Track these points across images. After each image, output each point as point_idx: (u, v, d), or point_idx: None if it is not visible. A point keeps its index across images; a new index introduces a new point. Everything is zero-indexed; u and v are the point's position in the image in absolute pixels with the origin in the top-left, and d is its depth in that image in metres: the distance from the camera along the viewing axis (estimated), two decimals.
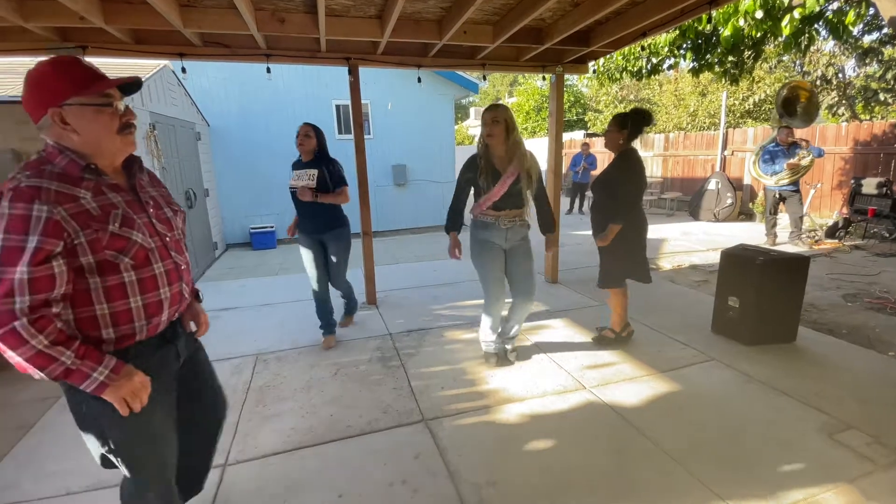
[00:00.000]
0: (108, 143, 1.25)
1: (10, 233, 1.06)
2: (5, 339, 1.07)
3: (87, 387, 1.17)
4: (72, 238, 1.13)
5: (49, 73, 1.18)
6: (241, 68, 7.38)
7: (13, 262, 1.06)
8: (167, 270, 1.35)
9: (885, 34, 8.39)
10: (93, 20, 2.88)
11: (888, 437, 2.21)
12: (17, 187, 1.09)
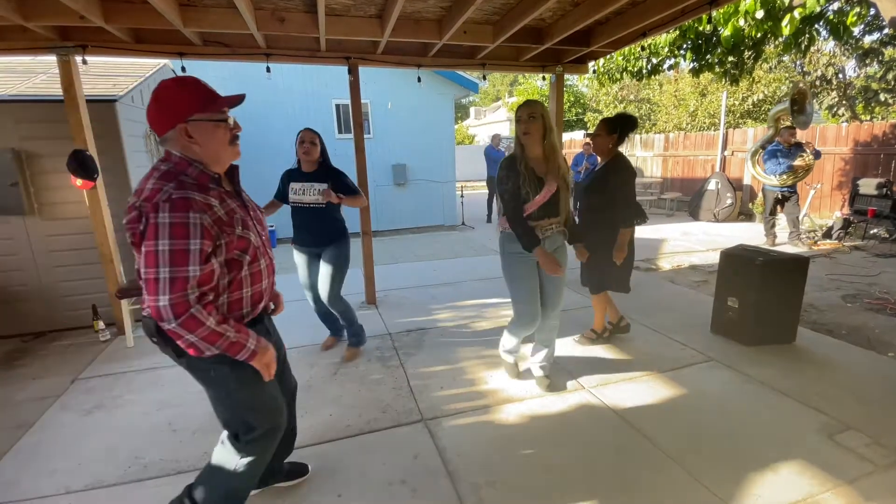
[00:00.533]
0: (223, 153, 1.44)
1: (176, 238, 1.26)
2: (187, 323, 1.28)
3: (242, 356, 1.40)
4: (216, 240, 1.35)
5: (176, 91, 1.36)
6: (240, 67, 7.37)
7: (184, 263, 1.27)
8: (267, 265, 1.58)
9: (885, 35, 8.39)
10: (93, 19, 2.88)
11: (888, 438, 2.21)
12: (170, 198, 1.27)
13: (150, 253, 1.26)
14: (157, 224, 1.26)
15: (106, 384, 2.98)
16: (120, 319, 3.63)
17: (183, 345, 1.34)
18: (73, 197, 3.68)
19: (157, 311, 1.27)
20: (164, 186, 1.29)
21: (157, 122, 1.37)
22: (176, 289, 1.26)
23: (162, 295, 1.26)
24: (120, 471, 2.15)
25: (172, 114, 1.35)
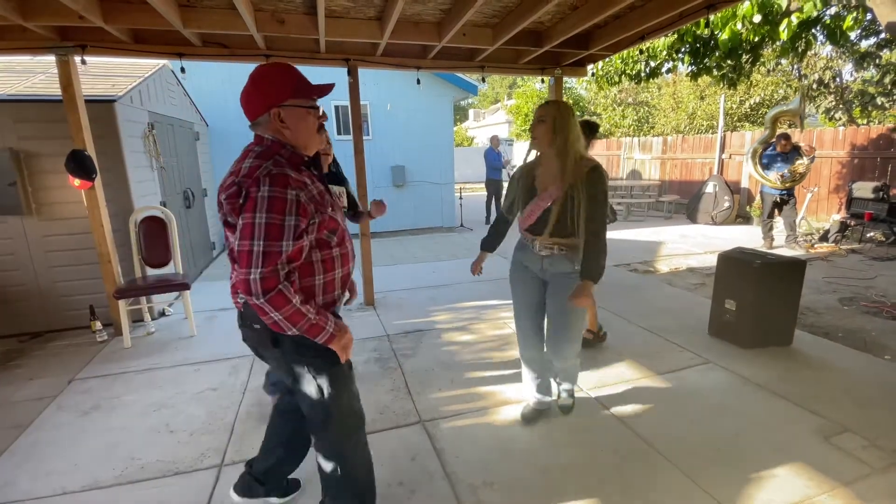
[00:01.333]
0: (310, 140, 1.48)
1: (273, 212, 1.27)
2: (274, 300, 1.28)
3: (321, 338, 1.39)
4: (311, 217, 1.36)
5: (274, 76, 1.40)
6: (240, 68, 7.36)
7: (277, 237, 1.27)
8: (351, 248, 1.59)
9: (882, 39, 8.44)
10: (92, 19, 2.88)
11: (884, 441, 2.22)
12: (270, 173, 1.29)
13: (248, 225, 1.27)
14: (257, 197, 1.27)
15: (103, 385, 2.98)
16: (117, 320, 3.62)
17: (267, 322, 1.34)
18: (71, 197, 3.68)
19: (246, 285, 1.27)
20: (263, 163, 1.32)
21: (252, 104, 1.41)
22: (268, 263, 1.27)
23: (254, 268, 1.26)
24: (117, 472, 2.15)
25: (268, 97, 1.38)
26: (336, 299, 1.54)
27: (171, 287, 3.73)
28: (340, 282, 1.54)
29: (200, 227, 6.28)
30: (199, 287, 5.17)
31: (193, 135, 6.33)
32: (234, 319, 4.34)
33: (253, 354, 3.38)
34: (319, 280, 1.45)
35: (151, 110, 4.62)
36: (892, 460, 2.08)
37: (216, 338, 3.71)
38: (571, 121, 2.09)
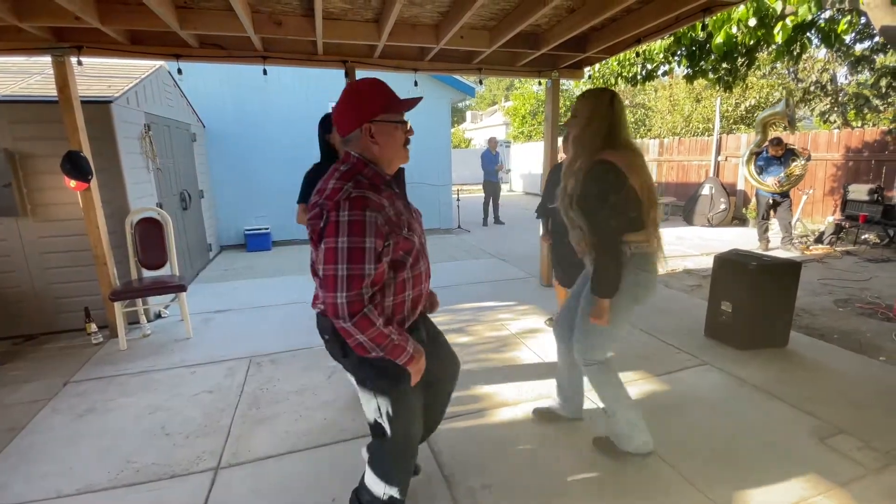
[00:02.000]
0: (397, 155, 1.47)
1: (354, 235, 1.28)
2: (360, 323, 1.30)
3: (402, 359, 1.41)
4: (386, 240, 1.35)
5: (366, 91, 1.41)
6: (237, 70, 7.35)
7: (360, 260, 1.28)
8: (426, 268, 1.57)
9: (876, 42, 8.52)
10: (88, 20, 2.88)
11: (879, 442, 2.23)
12: (350, 197, 1.31)
13: (330, 250, 1.29)
14: (338, 222, 1.29)
15: (98, 387, 2.96)
16: (113, 322, 3.60)
17: (351, 343, 1.36)
18: (66, 198, 3.66)
19: (333, 308, 1.30)
20: (345, 185, 1.34)
21: (345, 120, 1.42)
22: (353, 287, 1.29)
23: (340, 292, 1.28)
24: (112, 475, 2.14)
25: (360, 113, 1.39)
26: (404, 320, 1.51)
27: (167, 289, 3.72)
28: (411, 303, 1.52)
29: (197, 228, 6.26)
30: (196, 289, 5.15)
31: (190, 136, 6.31)
32: (230, 322, 4.33)
33: (249, 357, 3.39)
34: (389, 301, 1.44)
35: (148, 111, 4.60)
36: (887, 461, 2.09)
37: (212, 340, 3.69)
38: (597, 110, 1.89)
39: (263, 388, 2.90)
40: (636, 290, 1.93)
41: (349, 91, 1.43)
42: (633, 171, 1.81)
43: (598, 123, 1.87)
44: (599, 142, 1.87)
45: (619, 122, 1.88)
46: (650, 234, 1.89)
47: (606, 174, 1.82)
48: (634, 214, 1.86)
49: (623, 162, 1.81)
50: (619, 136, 1.87)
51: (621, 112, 1.89)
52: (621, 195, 1.81)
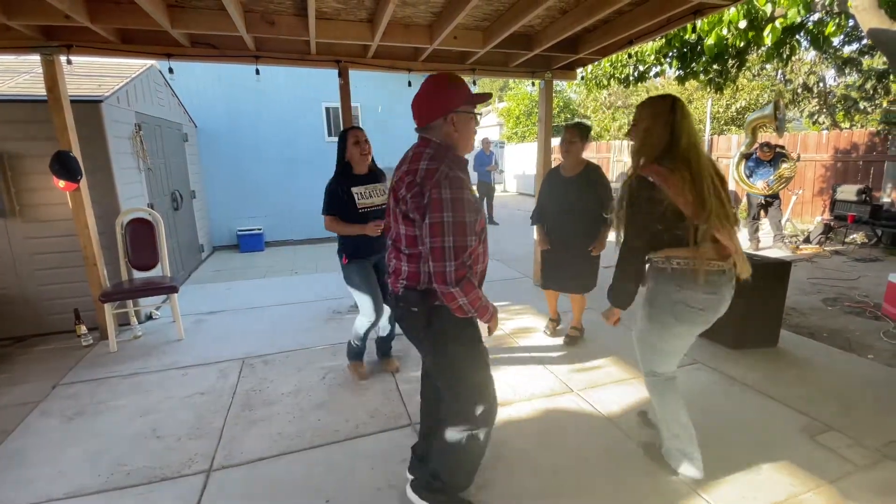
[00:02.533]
0: (469, 142, 1.64)
1: (457, 211, 1.45)
2: (466, 287, 1.50)
3: (486, 317, 1.60)
4: (474, 215, 1.52)
5: (450, 85, 1.58)
6: (229, 69, 7.32)
7: (463, 233, 1.46)
8: (486, 247, 1.70)
9: (864, 45, 8.64)
10: (78, 19, 2.84)
11: (868, 439, 2.26)
12: (449, 176, 1.47)
13: (437, 224, 1.45)
14: (441, 199, 1.44)
15: (88, 390, 2.93)
16: (103, 324, 3.57)
17: (453, 306, 1.53)
18: (56, 199, 3.62)
19: (442, 276, 1.47)
20: (440, 167, 1.49)
21: (430, 109, 1.57)
22: (458, 256, 1.46)
23: (448, 261, 1.45)
24: (102, 478, 2.11)
25: (445, 104, 1.55)
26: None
27: (158, 290, 3.68)
28: (481, 275, 1.69)
29: (189, 229, 6.21)
30: (188, 290, 5.11)
31: (182, 136, 6.26)
32: (222, 323, 4.30)
33: (242, 359, 3.36)
34: (476, 270, 1.63)
35: (139, 111, 4.56)
36: (876, 458, 2.12)
37: (205, 341, 3.67)
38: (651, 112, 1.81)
39: (256, 390, 2.88)
40: (674, 308, 1.83)
41: (434, 84, 1.58)
42: (675, 186, 1.68)
43: (660, 133, 1.77)
44: (655, 152, 1.77)
45: (680, 131, 1.75)
46: (699, 250, 1.74)
47: (640, 190, 1.75)
48: (680, 232, 1.74)
49: (664, 178, 1.69)
50: (678, 146, 1.74)
51: (683, 120, 1.76)
52: (652, 213, 1.72)
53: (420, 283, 1.59)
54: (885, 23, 3.79)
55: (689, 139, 1.75)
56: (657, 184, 1.70)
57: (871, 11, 3.85)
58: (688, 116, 1.78)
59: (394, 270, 1.66)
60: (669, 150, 1.75)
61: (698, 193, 1.69)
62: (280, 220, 8.24)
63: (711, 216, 1.69)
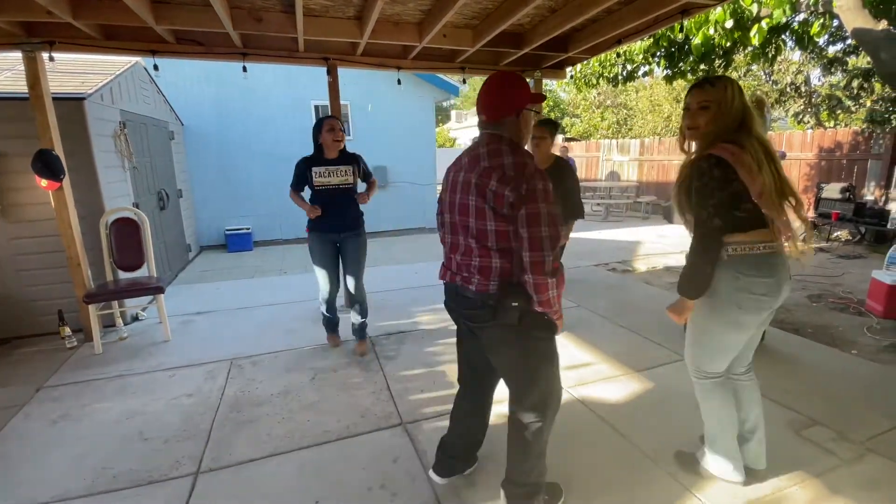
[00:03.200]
0: (526, 139, 1.71)
1: (550, 203, 1.49)
2: (559, 277, 1.53)
3: (556, 314, 1.61)
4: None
5: (519, 84, 1.63)
6: (216, 66, 7.24)
7: (556, 224, 1.49)
8: None
9: (848, 45, 8.78)
10: (60, 15, 2.79)
11: (852, 433, 2.29)
12: (538, 169, 1.52)
13: (535, 215, 1.47)
14: (538, 190, 1.47)
15: (73, 392, 2.87)
16: (87, 325, 3.50)
17: (543, 298, 1.52)
18: (38, 198, 3.55)
19: (541, 266, 1.48)
20: (526, 160, 1.53)
21: (504, 106, 1.61)
22: (554, 245, 1.49)
23: (546, 251, 1.47)
24: (88, 482, 2.08)
25: (519, 101, 1.61)
26: None
27: (144, 291, 3.63)
28: None
29: (175, 228, 6.13)
30: (175, 290, 5.04)
31: (168, 134, 6.18)
32: (210, 323, 4.24)
33: (230, 360, 3.32)
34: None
35: (123, 109, 4.49)
36: (861, 452, 2.16)
37: (192, 342, 3.62)
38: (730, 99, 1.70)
39: (245, 391, 2.85)
40: (737, 296, 1.72)
41: (506, 81, 1.63)
42: (745, 166, 1.60)
43: (735, 116, 1.69)
44: (725, 133, 1.69)
45: (750, 115, 1.69)
46: (762, 233, 1.68)
47: (711, 169, 1.63)
48: (744, 214, 1.66)
49: (735, 156, 1.61)
50: (750, 125, 1.68)
51: (748, 102, 1.72)
52: (726, 192, 1.62)
53: (513, 277, 1.57)
54: (869, 22, 3.85)
55: (757, 124, 1.70)
56: (730, 161, 1.61)
57: (855, 11, 3.91)
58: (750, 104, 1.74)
59: (480, 269, 1.59)
60: (739, 129, 1.68)
61: (773, 172, 1.63)
62: (269, 219, 8.17)
63: (785, 195, 1.65)
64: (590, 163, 13.52)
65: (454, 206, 1.64)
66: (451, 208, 1.67)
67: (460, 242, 1.65)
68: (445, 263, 1.78)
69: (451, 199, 1.66)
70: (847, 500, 1.87)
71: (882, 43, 3.71)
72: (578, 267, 5.80)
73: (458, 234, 1.65)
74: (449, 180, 1.71)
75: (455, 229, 1.66)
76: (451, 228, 1.69)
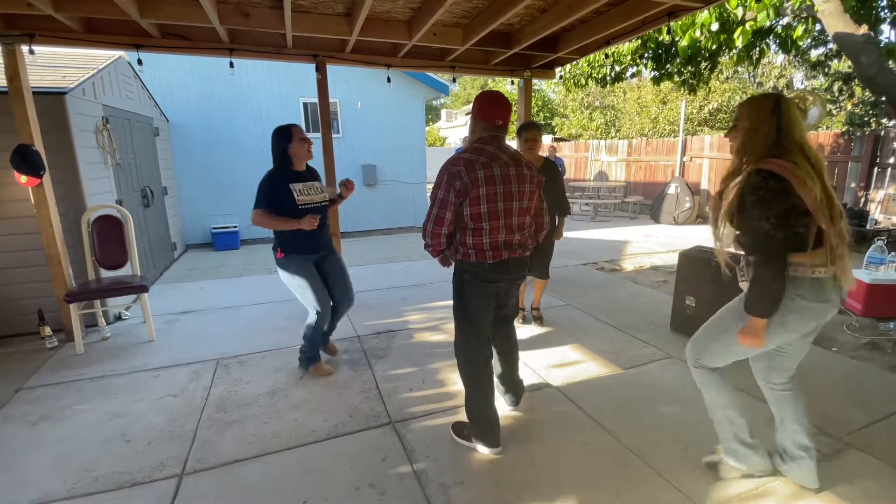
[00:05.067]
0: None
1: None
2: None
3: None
4: None
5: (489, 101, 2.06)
6: (203, 62, 7.13)
7: None
8: None
9: (830, 49, 8.96)
10: (41, 7, 2.73)
11: (832, 428, 2.35)
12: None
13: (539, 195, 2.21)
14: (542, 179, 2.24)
15: (53, 394, 2.81)
16: (69, 325, 3.43)
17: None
18: (17, 195, 3.46)
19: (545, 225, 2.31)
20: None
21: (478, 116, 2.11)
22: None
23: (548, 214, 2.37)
24: (69, 484, 2.03)
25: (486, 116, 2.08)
26: None
27: (127, 289, 3.56)
28: None
29: (160, 226, 6.03)
30: (159, 289, 4.96)
31: (152, 130, 6.07)
32: (196, 323, 4.19)
33: (216, 359, 3.28)
34: None
35: (106, 104, 4.40)
36: (840, 446, 2.21)
37: (177, 342, 3.57)
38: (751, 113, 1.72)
39: (231, 391, 2.82)
40: (786, 317, 1.69)
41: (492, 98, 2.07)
42: (799, 179, 1.56)
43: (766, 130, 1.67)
44: (764, 150, 1.66)
45: (789, 127, 1.65)
46: (818, 255, 1.62)
47: (765, 182, 1.59)
48: (802, 230, 1.60)
49: (789, 171, 1.57)
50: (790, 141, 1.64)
51: (788, 114, 1.66)
52: (785, 205, 1.57)
53: None
54: (850, 27, 3.93)
55: (801, 134, 1.66)
56: (784, 176, 1.57)
57: (836, 16, 3.99)
58: (793, 111, 1.67)
59: (534, 232, 2.26)
60: (777, 145, 1.65)
61: (824, 188, 1.59)
62: None
63: (838, 215, 1.60)
64: (578, 163, 13.61)
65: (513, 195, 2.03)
66: (509, 197, 2.01)
67: (523, 221, 2.11)
68: (505, 244, 2.06)
69: (508, 189, 2.00)
70: (827, 494, 1.92)
71: (862, 47, 3.80)
72: (567, 266, 5.84)
73: (522, 215, 2.10)
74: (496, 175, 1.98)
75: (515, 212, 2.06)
76: (509, 212, 2.04)
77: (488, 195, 1.95)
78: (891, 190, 7.09)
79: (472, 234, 2.02)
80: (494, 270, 2.06)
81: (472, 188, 1.93)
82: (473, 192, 1.93)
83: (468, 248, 2.05)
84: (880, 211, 7.01)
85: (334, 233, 4.30)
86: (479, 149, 2.00)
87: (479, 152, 1.99)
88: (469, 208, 1.97)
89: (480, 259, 2.04)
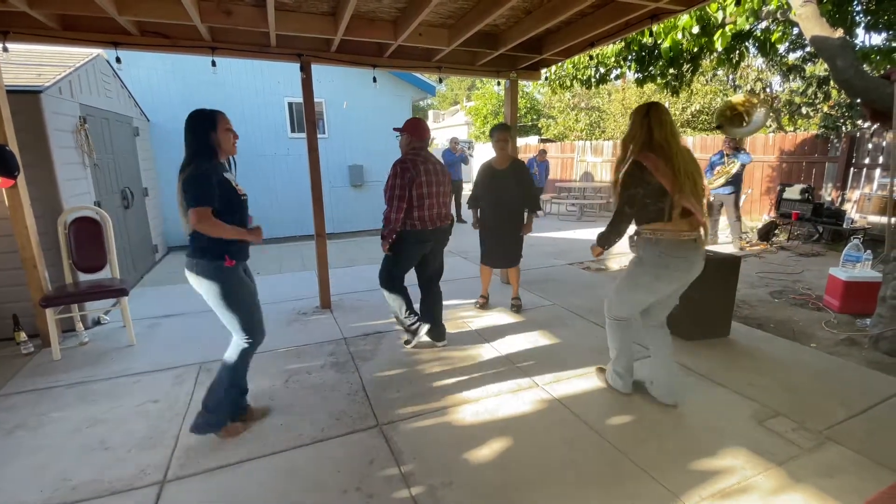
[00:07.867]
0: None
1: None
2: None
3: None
4: None
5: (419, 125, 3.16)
6: (184, 61, 7.01)
7: None
8: None
9: (807, 52, 9.18)
10: (15, 3, 2.65)
11: (812, 423, 2.40)
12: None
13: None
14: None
15: (29, 401, 2.73)
16: (45, 330, 3.33)
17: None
18: None
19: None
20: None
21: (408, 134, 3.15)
22: None
23: None
24: (46, 494, 1.97)
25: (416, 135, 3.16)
26: None
27: (106, 293, 3.48)
28: None
29: (141, 228, 5.91)
30: (140, 293, 4.86)
31: (132, 130, 5.94)
32: (178, 327, 4.11)
33: (199, 364, 3.22)
34: None
35: (83, 103, 4.29)
36: (819, 441, 2.26)
37: (158, 347, 3.49)
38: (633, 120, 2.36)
39: None
40: (657, 270, 2.33)
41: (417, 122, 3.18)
42: (657, 167, 2.19)
43: (636, 132, 2.30)
44: (637, 147, 2.29)
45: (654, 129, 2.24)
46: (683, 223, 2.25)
47: (633, 170, 2.25)
48: (661, 205, 2.23)
49: (651, 161, 2.20)
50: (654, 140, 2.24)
51: (657, 119, 2.25)
52: (642, 189, 2.23)
53: None
54: (826, 31, 4.02)
55: (661, 134, 2.24)
56: (647, 166, 2.21)
57: (813, 20, 4.08)
58: (663, 118, 2.26)
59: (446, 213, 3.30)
60: (649, 142, 2.25)
61: (674, 172, 2.18)
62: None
63: (685, 189, 2.18)
64: (564, 164, 13.72)
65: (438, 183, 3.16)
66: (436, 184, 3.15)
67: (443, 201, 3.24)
68: (437, 216, 3.19)
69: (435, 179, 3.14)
70: (808, 487, 1.95)
71: (838, 51, 3.89)
72: (553, 266, 5.88)
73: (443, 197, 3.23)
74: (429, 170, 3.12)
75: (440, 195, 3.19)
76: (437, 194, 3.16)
77: (427, 182, 3.05)
78: (866, 189, 7.29)
79: (416, 209, 3.05)
80: (431, 234, 3.16)
81: (416, 177, 3.00)
82: (418, 180, 3.01)
83: (414, 219, 3.07)
84: (856, 210, 7.20)
85: (320, 234, 4.27)
86: (415, 154, 3.10)
87: (416, 156, 3.09)
88: (415, 190, 3.01)
89: (423, 227, 3.11)
